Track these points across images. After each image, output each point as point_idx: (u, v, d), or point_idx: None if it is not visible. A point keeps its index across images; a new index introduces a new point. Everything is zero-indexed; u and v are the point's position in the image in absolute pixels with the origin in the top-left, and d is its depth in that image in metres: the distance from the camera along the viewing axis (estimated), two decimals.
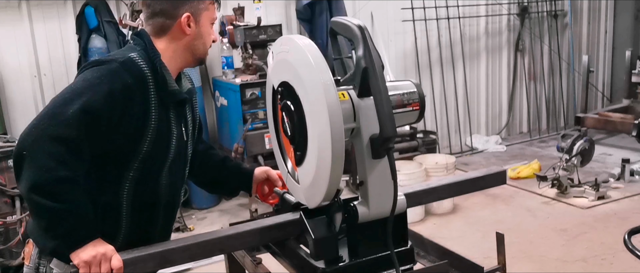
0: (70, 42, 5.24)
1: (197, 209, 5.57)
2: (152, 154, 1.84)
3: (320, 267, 1.66)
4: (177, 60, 1.93)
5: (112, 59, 1.80)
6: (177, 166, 1.97)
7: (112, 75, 1.75)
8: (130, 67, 1.79)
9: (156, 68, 1.83)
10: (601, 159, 6.36)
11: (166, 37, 1.90)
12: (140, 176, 1.85)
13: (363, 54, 1.57)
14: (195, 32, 1.91)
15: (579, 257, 4.18)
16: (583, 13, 8.07)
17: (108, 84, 1.73)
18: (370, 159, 1.61)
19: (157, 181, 1.91)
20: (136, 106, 1.78)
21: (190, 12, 1.89)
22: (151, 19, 1.90)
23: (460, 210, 5.20)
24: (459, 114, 7.10)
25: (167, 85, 1.85)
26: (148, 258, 1.68)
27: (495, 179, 2.23)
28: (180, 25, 1.89)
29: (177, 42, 1.91)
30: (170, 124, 1.89)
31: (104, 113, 1.71)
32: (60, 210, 1.64)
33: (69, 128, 1.65)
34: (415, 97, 1.73)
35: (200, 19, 1.92)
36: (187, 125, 2.00)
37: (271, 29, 5.24)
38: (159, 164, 1.89)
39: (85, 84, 1.73)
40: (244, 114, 5.14)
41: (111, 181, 1.84)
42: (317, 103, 1.51)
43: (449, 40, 6.92)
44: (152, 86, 1.82)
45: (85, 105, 1.67)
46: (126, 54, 1.83)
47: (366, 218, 1.65)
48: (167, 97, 1.86)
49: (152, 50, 1.87)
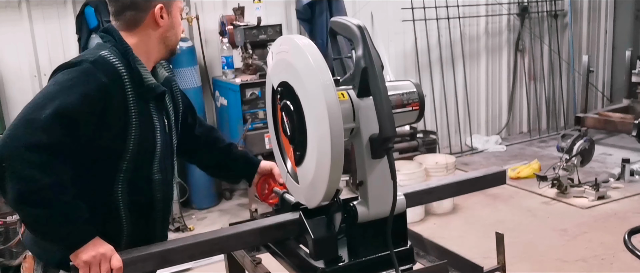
0: (70, 42, 5.23)
1: (197, 209, 5.57)
2: (139, 151, 1.82)
3: (320, 267, 1.66)
4: (152, 53, 1.90)
5: (83, 60, 1.76)
6: (165, 159, 1.94)
7: (85, 76, 1.71)
8: (103, 66, 1.75)
9: (130, 64, 1.80)
10: (601, 159, 6.35)
11: (139, 31, 1.86)
12: (131, 175, 1.84)
13: (363, 54, 1.57)
14: (168, 23, 1.89)
15: (578, 257, 4.17)
16: (583, 13, 8.07)
17: (82, 86, 1.69)
18: (369, 159, 1.61)
19: (149, 177, 1.89)
20: (115, 105, 1.75)
21: (162, 3, 1.86)
22: (122, 13, 1.85)
23: (460, 210, 5.19)
24: (459, 114, 7.10)
25: (143, 80, 1.82)
26: (148, 258, 1.68)
27: (495, 179, 2.24)
28: (154, 16, 1.85)
29: (151, 34, 1.88)
30: (152, 119, 1.86)
31: (81, 116, 1.67)
32: (53, 216, 1.62)
33: (45, 134, 1.60)
34: (415, 97, 1.73)
35: (172, 10, 1.90)
36: (169, 116, 1.97)
37: (271, 29, 5.23)
38: (148, 160, 1.87)
39: (57, 88, 1.68)
40: (244, 114, 5.14)
41: (104, 183, 1.81)
42: (316, 103, 1.51)
43: (449, 40, 6.92)
44: (128, 83, 1.78)
45: (59, 108, 1.63)
46: (97, 53, 1.78)
47: (366, 218, 1.65)
48: (145, 92, 1.82)
49: (123, 45, 1.82)
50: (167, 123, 1.96)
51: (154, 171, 1.90)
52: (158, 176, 1.91)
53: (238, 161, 2.24)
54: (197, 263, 3.82)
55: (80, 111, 1.67)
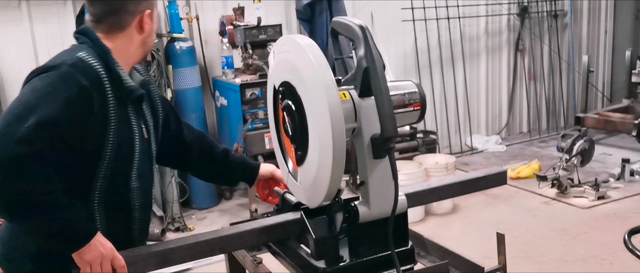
0: (70, 42, 5.18)
1: (197, 209, 5.57)
2: (117, 158, 1.76)
3: (321, 267, 1.66)
4: (131, 57, 1.86)
5: (61, 63, 1.69)
6: (144, 166, 1.89)
7: (65, 80, 1.64)
8: (82, 68, 1.69)
9: (109, 66, 1.75)
10: (601, 159, 6.35)
11: (122, 34, 1.82)
12: (108, 181, 1.78)
13: (364, 54, 1.57)
14: (151, 28, 1.87)
15: (578, 257, 4.18)
16: (583, 13, 8.07)
17: (63, 92, 1.62)
18: (371, 159, 1.61)
19: (127, 184, 1.84)
20: (96, 108, 1.69)
21: (149, 8, 1.85)
22: (108, 16, 1.80)
23: (460, 210, 5.19)
24: (459, 114, 7.10)
25: (122, 83, 1.77)
26: (148, 258, 1.68)
27: (496, 179, 2.23)
28: (141, 21, 1.83)
29: (134, 38, 1.84)
30: (130, 123, 1.82)
31: (63, 123, 1.61)
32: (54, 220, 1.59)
33: (28, 145, 1.52)
34: (416, 97, 1.73)
35: (154, 15, 1.88)
36: (147, 122, 1.93)
37: (271, 29, 5.24)
38: (126, 167, 1.82)
39: (36, 95, 1.61)
40: (244, 114, 5.14)
41: (80, 190, 1.75)
42: (318, 102, 1.51)
43: (449, 40, 6.92)
44: (108, 85, 1.73)
45: (42, 119, 1.55)
46: (75, 55, 1.73)
47: (367, 218, 1.65)
48: (125, 95, 1.78)
49: (102, 47, 1.78)
50: (146, 128, 1.91)
51: (133, 178, 1.84)
52: (136, 183, 1.86)
53: (237, 168, 2.21)
54: (198, 263, 3.81)
55: (63, 118, 1.60)
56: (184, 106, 5.29)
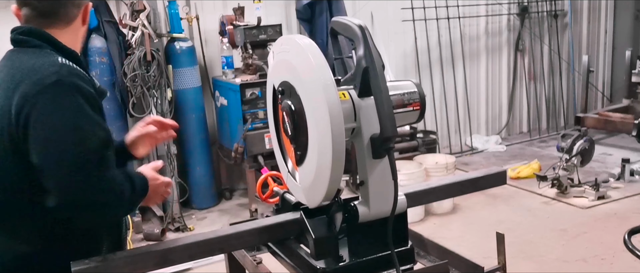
0: None
1: (197, 209, 5.57)
2: None
3: (321, 267, 1.66)
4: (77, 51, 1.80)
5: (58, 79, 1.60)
6: None
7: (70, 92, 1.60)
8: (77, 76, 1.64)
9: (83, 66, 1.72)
10: (601, 159, 6.35)
11: (69, 28, 1.76)
12: None
13: (364, 54, 1.57)
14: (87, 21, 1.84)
15: (578, 256, 4.18)
16: (583, 13, 8.07)
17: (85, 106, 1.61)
18: (370, 159, 1.61)
19: None
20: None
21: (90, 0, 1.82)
22: (57, 9, 1.72)
23: (460, 210, 5.19)
24: (459, 114, 7.10)
25: (94, 83, 1.73)
26: (148, 258, 1.68)
27: (495, 179, 2.23)
28: (85, 14, 1.79)
29: (78, 32, 1.80)
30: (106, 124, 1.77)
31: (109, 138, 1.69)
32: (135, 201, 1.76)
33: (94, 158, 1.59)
34: (416, 97, 1.73)
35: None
36: None
37: (271, 29, 5.24)
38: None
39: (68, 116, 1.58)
40: (243, 114, 5.14)
41: None
42: (317, 102, 1.51)
43: (449, 40, 6.92)
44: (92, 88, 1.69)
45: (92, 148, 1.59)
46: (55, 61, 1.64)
47: (366, 218, 1.65)
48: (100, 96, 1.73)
49: (65, 48, 1.72)
50: None
51: None
52: None
53: None
54: (197, 263, 3.82)
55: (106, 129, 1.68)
56: (184, 106, 5.29)
